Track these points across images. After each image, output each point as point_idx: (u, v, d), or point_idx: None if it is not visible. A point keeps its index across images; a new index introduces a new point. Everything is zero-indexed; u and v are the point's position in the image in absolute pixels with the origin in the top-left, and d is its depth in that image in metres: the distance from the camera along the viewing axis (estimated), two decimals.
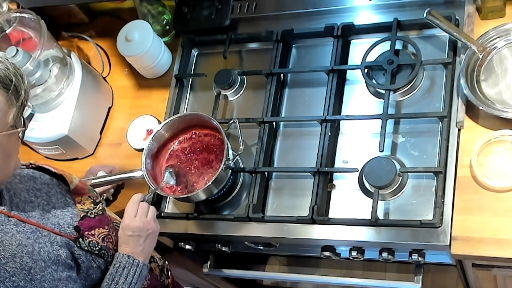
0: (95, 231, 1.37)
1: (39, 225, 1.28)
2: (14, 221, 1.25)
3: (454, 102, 1.57)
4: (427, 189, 1.53)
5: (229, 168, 1.62)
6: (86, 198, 1.43)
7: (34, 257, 1.21)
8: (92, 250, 1.34)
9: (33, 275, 1.19)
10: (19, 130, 1.23)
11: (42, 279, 1.21)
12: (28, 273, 1.19)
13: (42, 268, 1.21)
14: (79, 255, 1.32)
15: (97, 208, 1.42)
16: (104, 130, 1.95)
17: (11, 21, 1.87)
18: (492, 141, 1.49)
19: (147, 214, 1.47)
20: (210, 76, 1.83)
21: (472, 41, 1.56)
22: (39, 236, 1.26)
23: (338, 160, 1.65)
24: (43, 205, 1.34)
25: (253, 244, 1.73)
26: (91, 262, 1.34)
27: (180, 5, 1.94)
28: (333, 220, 1.56)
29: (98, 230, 1.38)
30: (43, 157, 1.96)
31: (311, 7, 1.82)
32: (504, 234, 1.41)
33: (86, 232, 1.35)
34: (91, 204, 1.42)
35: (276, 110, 1.75)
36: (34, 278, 1.19)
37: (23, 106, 1.22)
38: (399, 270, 1.74)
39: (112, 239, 1.41)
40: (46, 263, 1.23)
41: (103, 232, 1.39)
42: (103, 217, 1.42)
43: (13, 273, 1.17)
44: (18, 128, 1.23)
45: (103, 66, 2.03)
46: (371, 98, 1.69)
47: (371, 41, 1.70)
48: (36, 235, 1.26)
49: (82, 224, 1.36)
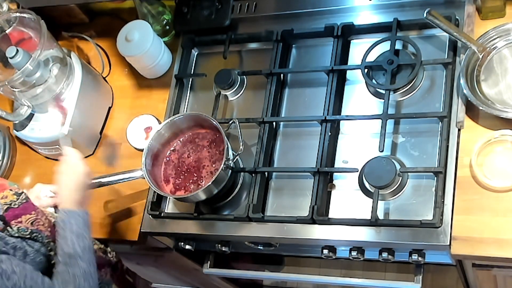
0: (21, 218, 1.39)
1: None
2: None
3: (454, 102, 1.57)
4: (427, 189, 1.53)
5: (229, 168, 1.62)
6: (7, 192, 1.44)
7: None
8: (24, 235, 1.37)
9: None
10: None
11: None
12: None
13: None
14: (13, 242, 1.34)
15: (20, 198, 1.44)
16: (104, 130, 1.96)
17: (11, 21, 1.86)
18: (492, 141, 1.49)
19: (68, 154, 1.56)
20: (210, 76, 1.83)
21: (472, 41, 1.56)
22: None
23: (338, 160, 1.65)
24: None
25: (253, 244, 1.73)
26: (27, 247, 1.36)
27: (180, 5, 1.94)
28: (333, 220, 1.56)
29: (25, 216, 1.40)
30: (43, 157, 1.97)
31: (311, 7, 1.82)
32: (504, 234, 1.41)
33: (13, 221, 1.37)
34: (14, 196, 1.43)
35: (276, 110, 1.75)
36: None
37: None
38: (399, 270, 1.74)
39: (42, 221, 1.43)
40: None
41: (31, 217, 1.41)
42: (27, 204, 1.44)
43: None
44: None
45: (103, 66, 2.03)
46: (371, 98, 1.69)
47: (371, 41, 1.70)
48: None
49: (7, 215, 1.37)
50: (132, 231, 1.76)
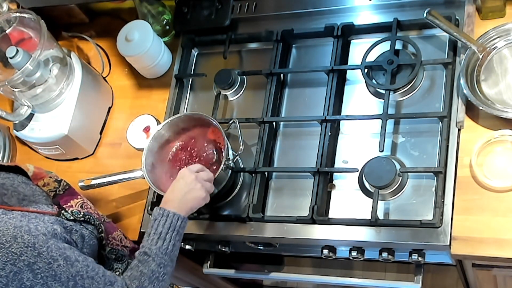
0: (71, 202, 1.43)
1: (24, 209, 1.31)
2: (1, 211, 1.27)
3: (454, 102, 1.57)
4: (427, 189, 1.53)
5: (229, 168, 1.62)
6: (48, 179, 1.48)
7: (33, 233, 1.23)
8: (78, 217, 1.39)
9: (38, 249, 1.21)
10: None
11: (48, 250, 1.23)
12: (34, 248, 1.21)
13: (45, 241, 1.23)
14: (70, 226, 1.36)
15: (62, 185, 1.48)
16: (104, 130, 1.96)
17: (11, 21, 1.86)
18: (492, 141, 1.49)
19: (205, 178, 1.51)
20: (210, 76, 1.83)
21: (472, 41, 1.56)
22: (29, 219, 1.28)
23: (338, 160, 1.66)
24: (16, 195, 1.38)
25: (253, 244, 1.73)
26: (83, 230, 1.39)
27: (180, 5, 1.94)
28: (333, 220, 1.56)
29: (73, 201, 1.44)
30: (43, 157, 1.97)
31: (311, 7, 1.82)
32: (504, 234, 1.41)
33: (64, 205, 1.40)
34: (55, 183, 1.47)
35: (276, 110, 1.75)
36: (41, 251, 1.21)
37: None
38: (399, 270, 1.74)
39: (89, 205, 1.48)
40: (46, 236, 1.25)
41: (78, 201, 1.45)
42: (71, 189, 1.49)
43: (20, 253, 1.19)
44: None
45: (103, 66, 2.03)
46: (371, 98, 1.69)
47: (371, 41, 1.70)
48: (27, 218, 1.28)
49: (57, 201, 1.41)
50: (132, 231, 1.76)
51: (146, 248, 1.40)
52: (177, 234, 1.43)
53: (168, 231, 1.41)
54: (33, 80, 1.77)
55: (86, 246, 1.39)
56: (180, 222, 1.44)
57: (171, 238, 1.41)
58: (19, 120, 1.85)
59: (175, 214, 1.43)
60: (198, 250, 1.82)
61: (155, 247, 1.39)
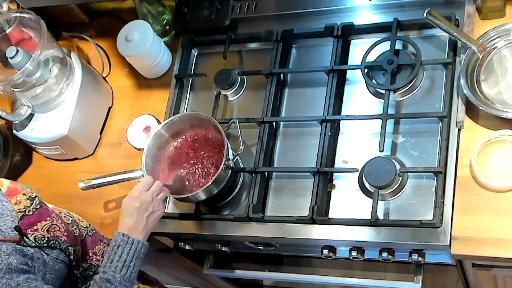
0: (37, 226, 1.38)
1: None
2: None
3: (454, 102, 1.57)
4: (427, 189, 1.53)
5: (229, 168, 1.62)
6: (21, 196, 1.42)
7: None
8: (41, 244, 1.35)
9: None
10: None
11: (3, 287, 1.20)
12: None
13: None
14: (31, 253, 1.32)
15: (34, 204, 1.42)
16: (104, 130, 1.96)
17: (11, 21, 1.86)
18: (492, 141, 1.49)
19: (158, 193, 1.49)
20: (210, 76, 1.83)
21: (472, 41, 1.56)
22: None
23: (338, 160, 1.66)
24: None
25: (253, 244, 1.73)
26: (46, 256, 1.35)
27: (180, 5, 1.94)
28: (333, 220, 1.56)
29: (40, 224, 1.39)
30: (43, 157, 1.97)
31: (311, 7, 1.82)
32: (504, 234, 1.41)
33: (29, 230, 1.35)
34: (27, 201, 1.41)
35: (276, 110, 1.75)
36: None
37: None
38: (399, 270, 1.74)
39: (58, 227, 1.42)
40: None
41: (46, 224, 1.40)
42: (42, 210, 1.43)
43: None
44: None
45: (103, 66, 2.03)
46: (371, 98, 1.69)
47: (371, 41, 1.70)
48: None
49: (22, 224, 1.35)
50: None
51: (109, 275, 1.37)
52: (139, 260, 1.43)
53: (132, 259, 1.40)
54: (33, 80, 1.77)
55: (49, 272, 1.35)
56: (143, 249, 1.44)
57: (135, 265, 1.41)
58: (19, 120, 1.85)
59: (139, 242, 1.42)
60: (198, 250, 1.82)
61: (119, 275, 1.37)
